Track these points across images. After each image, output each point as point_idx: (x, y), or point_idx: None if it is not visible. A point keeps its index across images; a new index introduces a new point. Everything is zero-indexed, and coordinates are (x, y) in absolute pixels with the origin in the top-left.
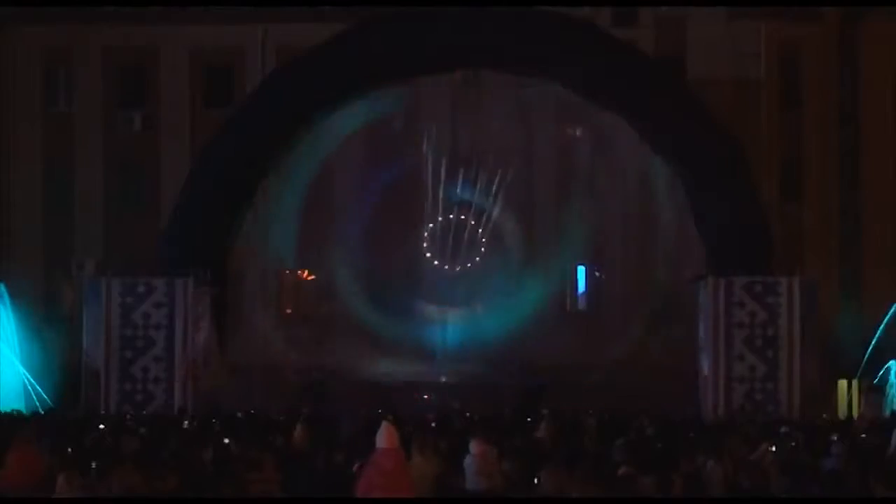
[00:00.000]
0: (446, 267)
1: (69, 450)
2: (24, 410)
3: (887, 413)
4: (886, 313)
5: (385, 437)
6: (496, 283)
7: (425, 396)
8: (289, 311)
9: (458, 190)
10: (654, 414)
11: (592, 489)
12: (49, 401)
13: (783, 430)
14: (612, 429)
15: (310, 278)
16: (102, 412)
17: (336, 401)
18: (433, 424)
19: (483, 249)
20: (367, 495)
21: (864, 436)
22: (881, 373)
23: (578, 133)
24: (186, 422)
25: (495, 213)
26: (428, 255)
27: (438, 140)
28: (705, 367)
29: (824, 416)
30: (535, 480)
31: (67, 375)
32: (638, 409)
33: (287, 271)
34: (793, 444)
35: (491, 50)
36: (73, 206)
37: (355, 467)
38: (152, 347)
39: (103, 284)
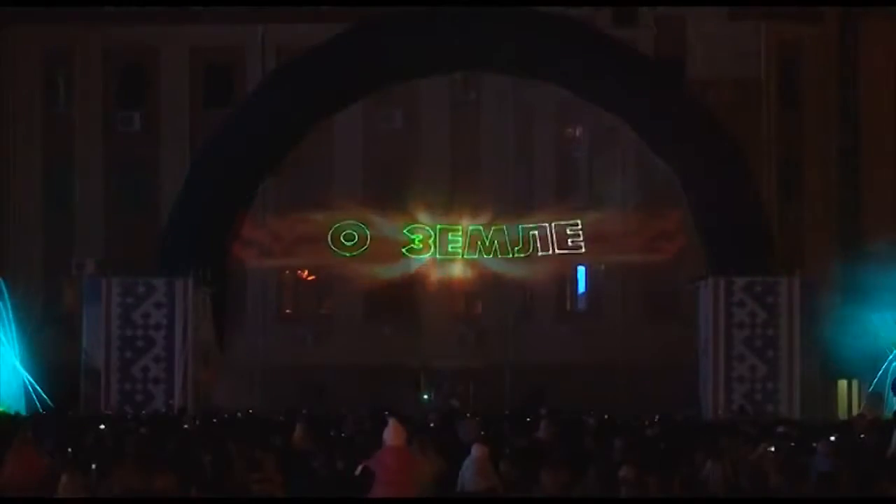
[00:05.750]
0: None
1: (69, 450)
2: (23, 410)
3: (887, 413)
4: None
5: (392, 434)
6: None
7: (425, 396)
8: (289, 311)
9: None
10: (653, 414)
11: (592, 489)
12: (49, 401)
13: (783, 430)
14: (612, 429)
15: (310, 278)
16: (102, 412)
17: (336, 400)
18: (433, 424)
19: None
20: (372, 493)
21: (863, 436)
22: (880, 373)
23: (578, 133)
24: (187, 422)
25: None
26: None
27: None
28: (705, 367)
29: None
30: (535, 480)
31: (67, 375)
32: (638, 409)
33: (287, 271)
34: (792, 444)
35: (490, 50)
36: (73, 206)
37: (360, 467)
38: (152, 347)
39: (103, 284)
